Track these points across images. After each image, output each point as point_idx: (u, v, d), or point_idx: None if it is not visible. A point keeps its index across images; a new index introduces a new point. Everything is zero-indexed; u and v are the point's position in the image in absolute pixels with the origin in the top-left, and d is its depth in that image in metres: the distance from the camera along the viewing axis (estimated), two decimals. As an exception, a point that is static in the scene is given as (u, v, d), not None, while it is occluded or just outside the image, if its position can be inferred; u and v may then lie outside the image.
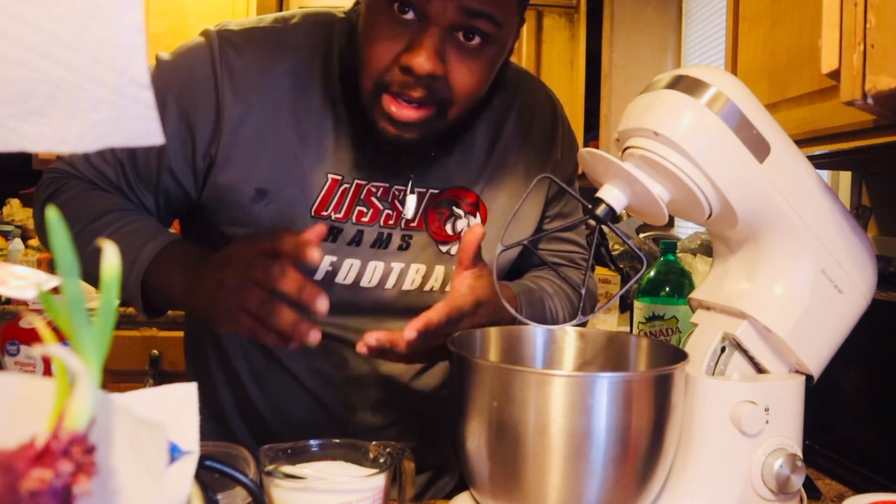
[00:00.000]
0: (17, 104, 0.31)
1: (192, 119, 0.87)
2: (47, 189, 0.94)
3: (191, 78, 0.88)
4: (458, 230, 0.96)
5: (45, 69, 0.31)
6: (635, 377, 0.73)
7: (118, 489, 0.32)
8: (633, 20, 2.96)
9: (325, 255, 0.89)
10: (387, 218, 0.92)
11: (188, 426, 0.39)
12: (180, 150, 0.88)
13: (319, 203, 0.90)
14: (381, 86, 0.82)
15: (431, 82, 0.81)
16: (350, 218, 0.91)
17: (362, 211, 0.91)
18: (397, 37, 0.80)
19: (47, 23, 0.31)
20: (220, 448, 0.71)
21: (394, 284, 0.94)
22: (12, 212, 2.95)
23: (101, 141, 0.32)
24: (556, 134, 1.07)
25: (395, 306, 0.95)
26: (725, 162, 0.73)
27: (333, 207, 0.90)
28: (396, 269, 0.94)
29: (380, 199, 0.92)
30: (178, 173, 0.90)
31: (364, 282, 0.93)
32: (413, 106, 0.82)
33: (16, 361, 0.95)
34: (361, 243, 0.92)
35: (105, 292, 0.32)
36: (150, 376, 2.46)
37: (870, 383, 1.02)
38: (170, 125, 0.87)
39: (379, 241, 0.92)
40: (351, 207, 0.91)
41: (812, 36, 0.89)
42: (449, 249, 0.96)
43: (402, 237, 0.94)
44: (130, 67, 0.32)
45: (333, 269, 0.91)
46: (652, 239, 2.26)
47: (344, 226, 0.91)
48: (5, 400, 0.32)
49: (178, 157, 0.89)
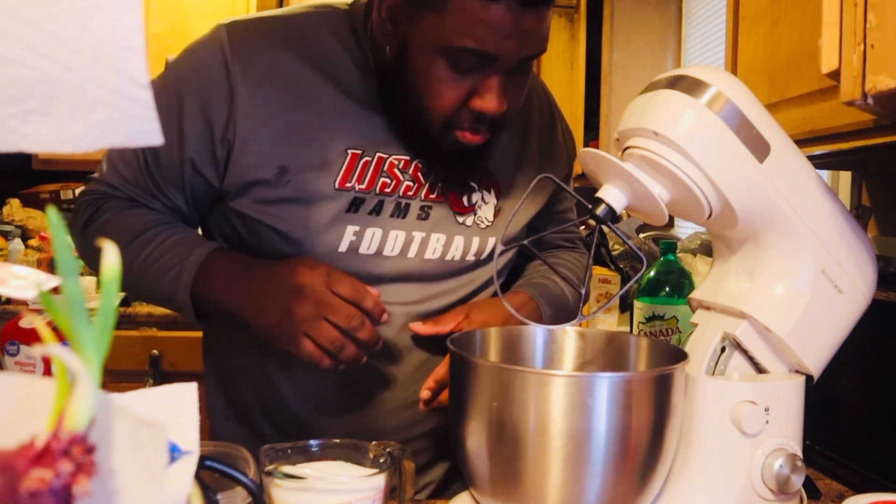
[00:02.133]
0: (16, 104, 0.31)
1: (207, 109, 0.90)
2: (85, 213, 0.98)
3: (203, 69, 0.91)
4: (472, 202, 1.00)
5: (44, 69, 0.31)
6: (635, 377, 0.73)
7: (118, 489, 0.32)
8: (633, 20, 2.95)
9: (346, 226, 0.93)
10: (406, 189, 0.96)
11: (188, 426, 0.39)
12: (199, 141, 0.91)
13: (342, 176, 0.93)
14: (450, 124, 0.89)
15: (497, 115, 0.88)
16: (374, 188, 0.94)
17: (385, 182, 0.95)
18: (461, 86, 0.86)
19: (47, 23, 0.31)
20: (220, 448, 0.71)
21: (416, 253, 0.97)
22: (12, 212, 2.95)
23: (101, 141, 0.32)
24: (555, 118, 1.14)
25: (417, 275, 0.98)
26: (725, 162, 0.73)
27: (357, 179, 0.93)
28: (417, 238, 0.97)
29: (401, 171, 0.96)
30: (200, 165, 0.92)
31: (387, 251, 0.95)
32: (482, 132, 0.90)
33: (16, 361, 0.95)
34: (381, 213, 0.95)
35: (105, 292, 0.32)
36: (150, 376, 2.46)
37: (870, 383, 1.02)
38: (188, 118, 0.90)
39: (397, 210, 0.96)
40: (374, 178, 0.94)
41: (812, 36, 0.89)
42: (465, 221, 1.00)
43: (421, 207, 0.97)
44: (130, 67, 0.32)
45: (357, 238, 0.93)
46: (652, 239, 2.26)
47: (367, 196, 0.94)
48: (5, 400, 0.32)
49: (198, 149, 0.91)
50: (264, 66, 0.91)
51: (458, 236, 0.99)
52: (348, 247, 0.93)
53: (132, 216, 0.95)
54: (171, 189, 0.95)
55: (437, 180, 0.97)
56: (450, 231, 0.99)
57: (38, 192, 3.06)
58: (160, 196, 0.96)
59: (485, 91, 0.85)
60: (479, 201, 1.01)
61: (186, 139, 0.91)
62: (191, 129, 0.90)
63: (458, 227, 0.99)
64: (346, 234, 0.93)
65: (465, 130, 0.89)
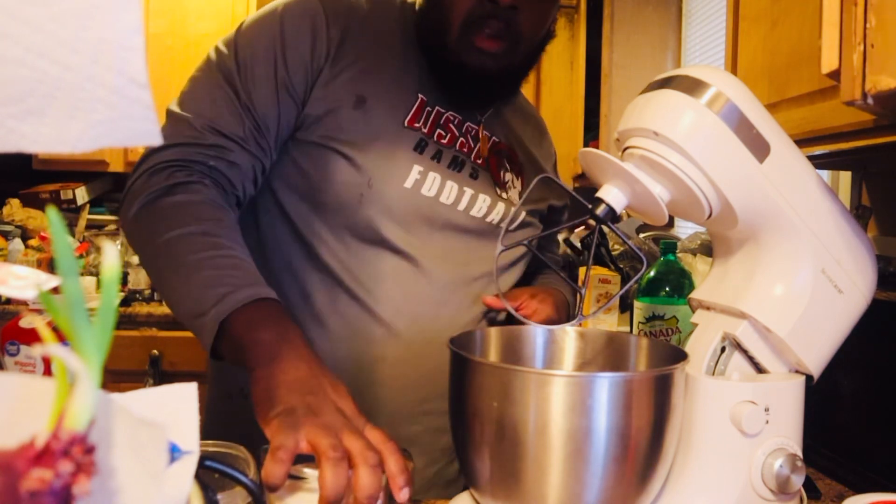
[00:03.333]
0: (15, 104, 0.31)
1: (306, 35, 0.98)
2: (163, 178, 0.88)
3: (314, 18, 0.99)
4: (505, 181, 1.10)
5: (43, 69, 0.31)
6: (635, 377, 0.73)
7: (118, 489, 0.32)
8: (633, 20, 2.95)
9: (413, 164, 1.00)
10: (461, 144, 1.06)
11: (188, 426, 0.39)
12: (299, 60, 0.97)
13: (412, 116, 1.02)
14: (468, 22, 0.96)
15: (510, 15, 0.96)
16: (433, 135, 1.03)
17: (441, 133, 1.04)
18: None
19: (46, 22, 0.31)
20: (220, 448, 0.71)
21: (465, 207, 1.05)
22: (12, 212, 2.95)
23: (100, 141, 0.32)
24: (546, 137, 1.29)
25: (463, 228, 1.05)
26: (725, 162, 0.73)
27: (422, 122, 1.02)
28: (468, 194, 1.05)
29: (457, 127, 1.06)
30: (295, 82, 0.96)
31: (443, 198, 1.03)
32: (495, 38, 0.97)
33: (16, 361, 0.95)
34: (441, 161, 1.03)
35: (105, 292, 0.32)
36: (150, 376, 2.46)
37: (870, 383, 1.02)
38: (290, 40, 0.97)
39: (454, 163, 1.05)
40: (433, 126, 1.04)
41: (812, 36, 0.89)
42: (501, 193, 1.09)
43: (472, 168, 1.07)
44: (129, 67, 0.32)
45: (421, 178, 1.01)
46: (652, 239, 2.26)
47: (429, 140, 1.03)
48: (5, 400, 0.32)
49: (294, 68, 0.97)
50: (350, 14, 1.01)
51: (499, 202, 1.08)
52: (413, 184, 1.00)
53: (207, 207, 0.87)
54: (263, 111, 0.95)
55: (482, 149, 1.08)
56: (493, 196, 1.08)
57: (38, 192, 3.06)
58: (247, 120, 0.93)
59: None
60: (511, 182, 1.11)
61: (288, 59, 0.96)
62: (292, 51, 0.96)
63: (497, 195, 1.08)
64: (412, 171, 1.00)
65: (482, 34, 0.96)
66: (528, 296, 1.08)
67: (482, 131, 1.09)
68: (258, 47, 0.96)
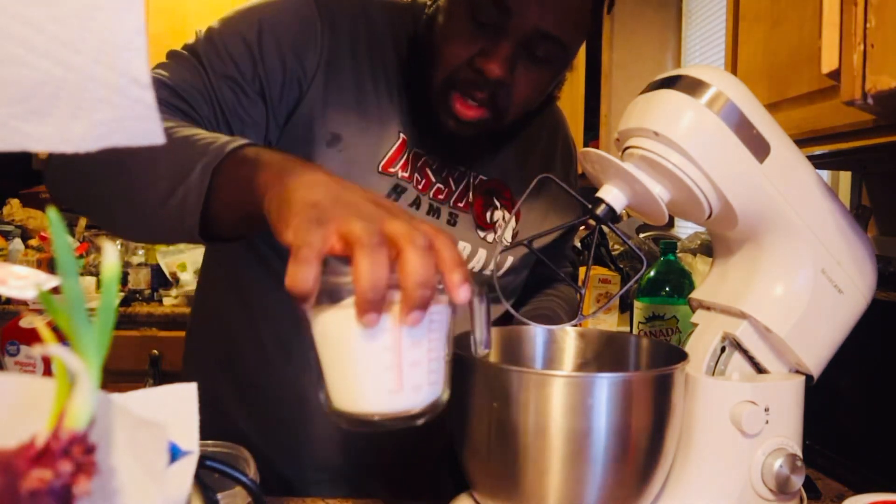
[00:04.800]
0: (18, 104, 0.31)
1: (298, 51, 0.88)
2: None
3: (299, 16, 0.89)
4: (493, 220, 1.02)
5: (46, 69, 0.31)
6: (635, 377, 0.73)
7: (118, 489, 0.32)
8: (633, 20, 2.96)
9: None
10: (437, 192, 0.97)
11: (188, 426, 0.39)
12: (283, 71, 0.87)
13: (388, 160, 0.92)
14: (451, 82, 0.87)
15: (497, 88, 0.87)
16: (411, 181, 0.94)
17: (418, 178, 0.95)
18: (474, 40, 0.86)
19: (49, 23, 0.31)
20: (220, 448, 0.71)
21: None
22: (12, 212, 2.95)
23: (103, 141, 0.32)
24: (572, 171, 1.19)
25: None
26: (725, 162, 0.73)
27: (401, 166, 0.93)
28: None
29: (434, 172, 0.96)
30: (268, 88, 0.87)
31: None
32: (475, 106, 0.88)
33: (16, 361, 0.95)
34: (419, 209, 0.95)
35: (105, 292, 0.32)
36: (150, 376, 2.46)
37: (870, 383, 1.02)
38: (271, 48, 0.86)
39: (431, 211, 0.97)
40: (412, 170, 0.94)
41: (812, 36, 0.89)
42: (485, 236, 1.01)
43: (450, 214, 0.98)
44: (132, 68, 0.32)
45: None
46: (652, 239, 2.26)
47: (407, 186, 0.94)
48: (5, 400, 0.32)
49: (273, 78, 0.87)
50: (345, 34, 0.91)
51: (481, 249, 1.01)
52: None
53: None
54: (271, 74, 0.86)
55: (465, 191, 0.99)
56: (474, 242, 1.00)
57: (38, 192, 3.06)
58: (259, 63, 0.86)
59: (491, 52, 0.85)
60: (501, 220, 1.02)
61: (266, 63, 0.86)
62: (273, 60, 0.86)
63: (480, 240, 1.01)
64: None
65: (462, 99, 0.87)
66: None
67: (472, 174, 1.00)
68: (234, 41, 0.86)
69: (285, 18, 0.89)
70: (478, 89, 0.86)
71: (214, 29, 0.89)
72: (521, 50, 0.86)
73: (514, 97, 0.88)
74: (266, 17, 0.88)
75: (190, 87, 0.83)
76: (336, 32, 0.90)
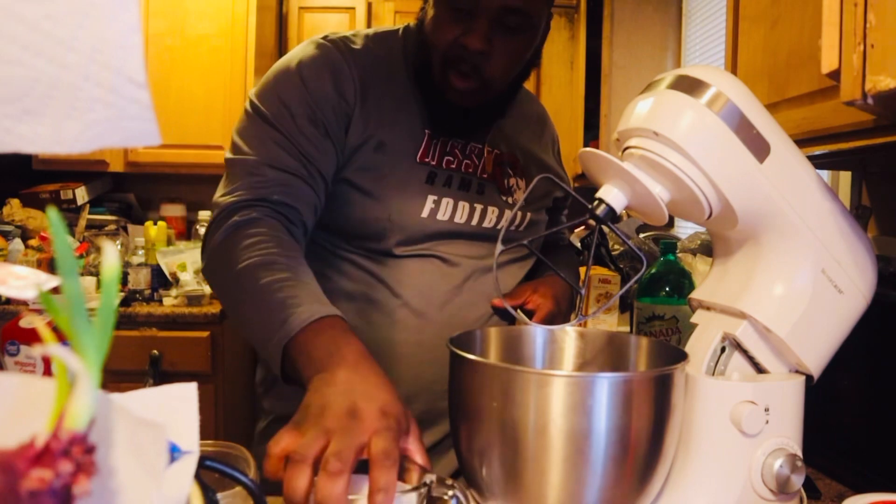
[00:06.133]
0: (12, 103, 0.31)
1: (340, 88, 1.07)
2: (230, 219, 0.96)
3: (333, 65, 1.09)
4: (509, 186, 1.20)
5: (40, 68, 0.31)
6: (635, 377, 0.73)
7: (118, 489, 0.32)
8: (633, 20, 2.96)
9: (427, 195, 1.10)
10: (466, 166, 1.15)
11: (188, 426, 0.39)
12: (335, 118, 1.06)
13: (422, 152, 1.12)
14: (445, 62, 1.05)
15: (481, 60, 1.03)
16: (441, 163, 1.13)
17: (449, 159, 1.14)
18: (455, 24, 1.04)
19: (43, 21, 0.30)
20: (220, 448, 0.71)
21: (477, 221, 1.15)
22: (12, 212, 2.95)
23: (98, 141, 0.32)
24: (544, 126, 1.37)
25: (479, 235, 1.15)
26: (725, 162, 0.73)
27: (431, 156, 1.12)
28: (479, 209, 1.15)
29: (460, 150, 1.15)
30: (328, 123, 1.05)
31: (457, 218, 1.13)
32: (467, 78, 1.05)
33: (16, 361, 0.95)
34: (451, 185, 1.13)
35: (105, 292, 0.32)
36: (150, 376, 2.46)
37: (869, 383, 1.02)
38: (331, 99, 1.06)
39: (463, 184, 1.14)
40: (441, 155, 1.13)
41: (812, 36, 0.89)
42: (507, 199, 1.19)
43: (479, 184, 1.16)
44: (127, 66, 0.32)
45: (435, 206, 1.11)
46: (652, 239, 2.26)
47: (438, 171, 1.12)
48: (5, 400, 0.32)
49: (328, 117, 1.05)
50: (367, 67, 1.11)
51: (506, 210, 1.18)
52: (429, 213, 1.10)
53: (271, 240, 0.92)
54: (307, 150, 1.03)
55: (487, 163, 1.17)
56: (500, 205, 1.17)
57: (38, 192, 3.06)
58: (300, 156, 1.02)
59: (470, 30, 1.02)
60: (515, 186, 1.21)
61: (327, 119, 1.05)
62: (325, 100, 1.05)
63: (503, 202, 1.18)
64: (427, 202, 1.10)
65: (455, 73, 1.04)
66: (530, 291, 1.15)
67: (486, 148, 1.18)
68: (289, 95, 1.05)
69: (318, 66, 1.07)
70: (466, 63, 1.04)
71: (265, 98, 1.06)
72: (495, 24, 1.02)
73: (497, 65, 1.05)
74: (305, 75, 1.06)
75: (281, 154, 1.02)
76: (360, 66, 1.10)
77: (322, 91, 1.06)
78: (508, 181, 1.20)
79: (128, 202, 3.34)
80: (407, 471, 0.66)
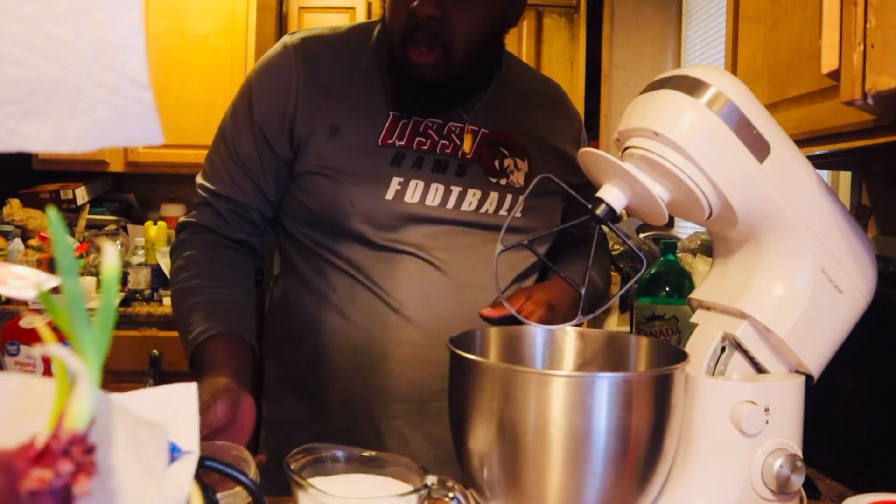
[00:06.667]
0: (15, 104, 0.31)
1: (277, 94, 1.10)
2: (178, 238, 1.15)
3: (279, 70, 1.11)
4: (504, 166, 1.15)
5: (43, 69, 0.31)
6: (635, 377, 0.73)
7: (118, 489, 0.32)
8: (633, 20, 2.96)
9: (392, 177, 1.08)
10: (443, 147, 1.12)
11: (188, 426, 0.39)
12: (269, 115, 1.09)
13: (384, 134, 1.09)
14: (403, 37, 1.03)
15: (436, 26, 1.01)
16: (411, 145, 1.10)
17: (421, 140, 1.11)
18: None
19: (46, 22, 0.31)
20: (220, 448, 0.71)
21: (453, 205, 1.11)
22: (12, 212, 2.95)
23: (101, 141, 0.32)
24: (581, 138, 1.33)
25: (458, 222, 1.12)
26: (725, 162, 0.73)
27: (396, 136, 1.10)
28: (455, 192, 1.11)
29: (436, 132, 1.12)
30: (269, 136, 1.10)
31: (428, 201, 1.10)
32: (426, 50, 1.03)
33: (16, 361, 0.95)
34: (422, 167, 1.10)
35: (105, 292, 0.32)
36: (150, 376, 2.46)
37: (869, 383, 1.02)
38: (257, 101, 1.10)
39: (437, 166, 1.11)
40: (412, 136, 1.10)
41: (812, 36, 0.89)
42: (498, 181, 1.14)
43: (459, 165, 1.12)
44: (129, 67, 0.32)
45: (402, 188, 1.08)
46: (652, 239, 2.26)
47: (406, 151, 1.09)
48: (5, 400, 0.32)
49: (268, 121, 1.09)
50: (322, 57, 1.11)
51: (492, 192, 1.13)
52: (394, 195, 1.07)
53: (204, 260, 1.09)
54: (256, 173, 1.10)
55: (471, 144, 1.13)
56: (485, 188, 1.12)
57: (38, 192, 3.06)
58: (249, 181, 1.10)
59: None
60: (512, 167, 1.16)
61: (255, 116, 1.09)
62: (260, 109, 1.09)
63: (492, 184, 1.13)
64: (391, 184, 1.07)
65: (414, 46, 1.03)
66: (524, 298, 1.10)
67: (468, 127, 1.14)
68: (238, 105, 1.12)
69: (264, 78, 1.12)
70: (421, 32, 1.02)
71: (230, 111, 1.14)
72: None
73: (456, 31, 1.02)
74: (253, 87, 1.12)
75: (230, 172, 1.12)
76: (312, 60, 1.10)
77: (265, 103, 1.10)
78: (503, 162, 1.15)
79: (128, 202, 3.34)
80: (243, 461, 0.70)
